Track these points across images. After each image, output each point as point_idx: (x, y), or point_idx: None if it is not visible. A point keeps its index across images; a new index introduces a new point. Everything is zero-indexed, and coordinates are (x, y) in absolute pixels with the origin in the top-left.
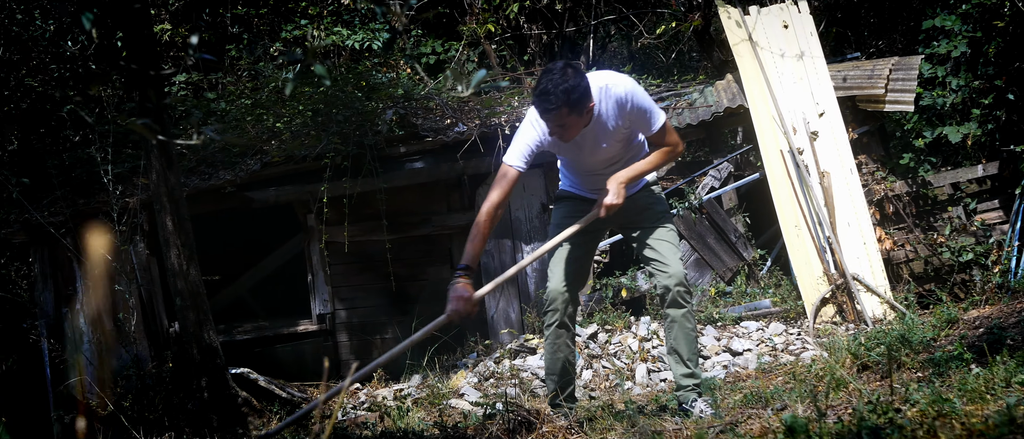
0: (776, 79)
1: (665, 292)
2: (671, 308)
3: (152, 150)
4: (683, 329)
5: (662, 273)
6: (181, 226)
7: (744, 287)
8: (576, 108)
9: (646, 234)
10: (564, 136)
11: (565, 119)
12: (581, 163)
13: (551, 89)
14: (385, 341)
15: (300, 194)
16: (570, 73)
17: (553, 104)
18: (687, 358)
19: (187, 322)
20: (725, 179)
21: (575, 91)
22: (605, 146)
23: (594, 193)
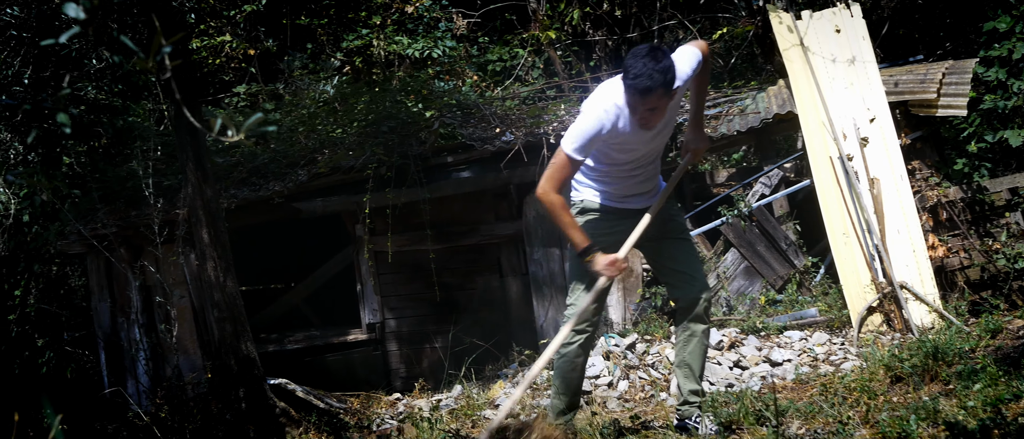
0: (827, 84)
1: (692, 305)
2: (694, 322)
3: (187, 163)
4: (701, 344)
5: (690, 285)
6: (217, 238)
7: (795, 295)
8: (669, 88)
9: (671, 245)
10: (651, 122)
11: (659, 101)
12: (632, 158)
13: (645, 71)
14: (434, 350)
15: (347, 205)
16: (660, 55)
17: (650, 85)
18: (698, 375)
19: (225, 333)
20: (776, 186)
21: (670, 71)
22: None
23: (626, 202)
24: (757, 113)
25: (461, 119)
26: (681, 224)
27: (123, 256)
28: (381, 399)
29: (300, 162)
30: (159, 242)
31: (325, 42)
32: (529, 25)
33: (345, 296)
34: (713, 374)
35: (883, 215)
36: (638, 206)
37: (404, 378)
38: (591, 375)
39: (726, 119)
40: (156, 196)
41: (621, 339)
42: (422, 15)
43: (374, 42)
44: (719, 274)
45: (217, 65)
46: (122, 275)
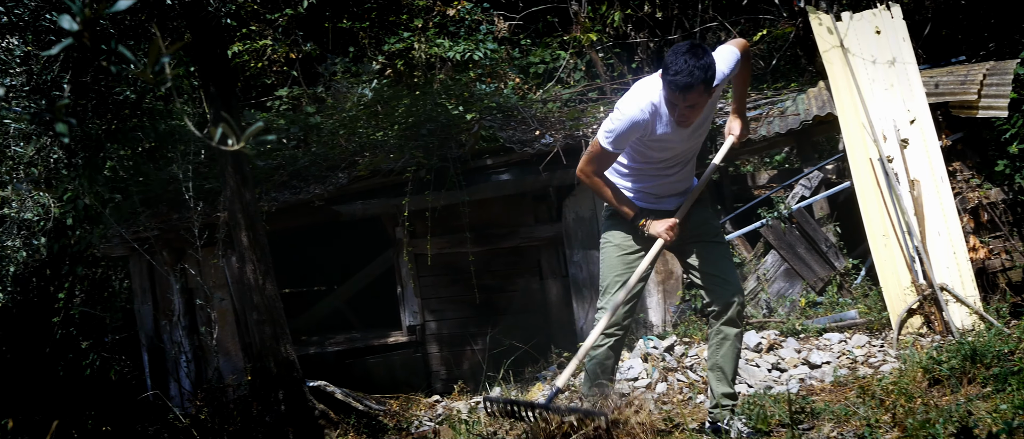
0: (867, 86)
1: (725, 308)
2: (727, 325)
3: (226, 167)
4: (734, 348)
5: (724, 289)
6: (256, 241)
7: (836, 297)
8: (709, 85)
9: (704, 248)
10: (689, 119)
11: (699, 98)
12: (669, 154)
13: (686, 68)
14: (475, 352)
15: (387, 207)
16: (701, 51)
17: (690, 81)
18: (731, 378)
19: (264, 336)
20: (816, 188)
21: (710, 68)
22: (703, 127)
23: (660, 202)
24: (797, 115)
25: (501, 122)
26: (715, 227)
27: (165, 259)
28: (420, 401)
29: (341, 165)
30: (199, 245)
31: (367, 45)
32: (570, 27)
33: (386, 299)
34: (751, 376)
35: (923, 217)
36: (672, 207)
37: (444, 380)
38: (629, 377)
39: (766, 121)
40: (196, 199)
41: (660, 341)
42: (463, 18)
43: (415, 45)
44: (759, 276)
45: (259, 69)
46: (164, 278)
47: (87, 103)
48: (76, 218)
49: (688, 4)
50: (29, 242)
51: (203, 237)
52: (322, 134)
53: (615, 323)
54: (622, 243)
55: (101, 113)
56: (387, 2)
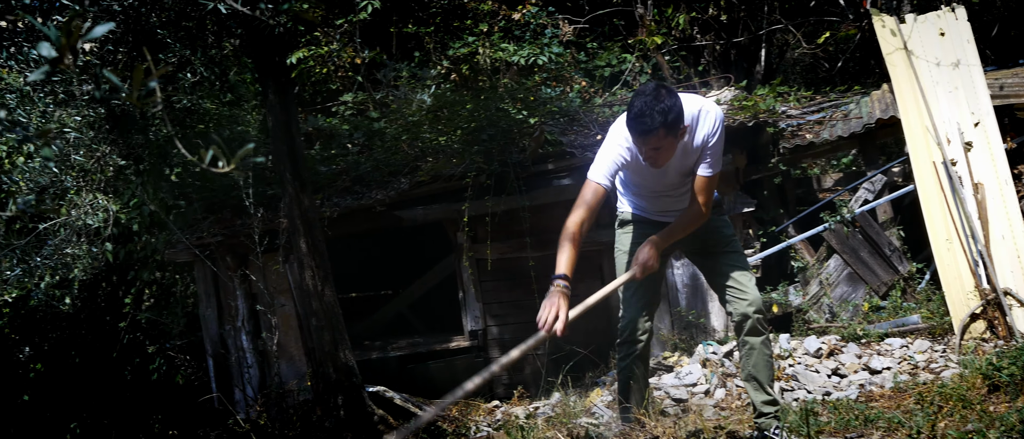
0: (930, 88)
1: (743, 319)
2: (750, 336)
3: (285, 173)
4: (762, 356)
5: (740, 299)
6: (315, 247)
7: (899, 302)
8: (672, 129)
9: (718, 259)
10: (657, 160)
11: (661, 141)
12: (656, 186)
13: (647, 111)
14: (537, 357)
15: (448, 212)
16: (664, 94)
17: (650, 126)
18: (767, 385)
19: (323, 341)
20: (879, 191)
21: (671, 112)
22: (683, 173)
23: (661, 215)
24: (859, 118)
25: (562, 126)
26: (727, 236)
27: (229, 264)
28: (479, 406)
29: (403, 170)
30: (259, 251)
31: (431, 50)
32: (636, 30)
33: (449, 303)
34: (810, 382)
35: (987, 221)
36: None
37: (506, 385)
38: (688, 383)
39: (829, 124)
40: (257, 205)
41: (719, 346)
42: (529, 22)
43: (480, 50)
44: (821, 280)
45: (324, 74)
46: (228, 283)
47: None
48: (141, 224)
49: (754, 6)
50: (93, 249)
51: (263, 243)
52: (385, 139)
53: (636, 329)
54: (630, 250)
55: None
56: (452, 7)
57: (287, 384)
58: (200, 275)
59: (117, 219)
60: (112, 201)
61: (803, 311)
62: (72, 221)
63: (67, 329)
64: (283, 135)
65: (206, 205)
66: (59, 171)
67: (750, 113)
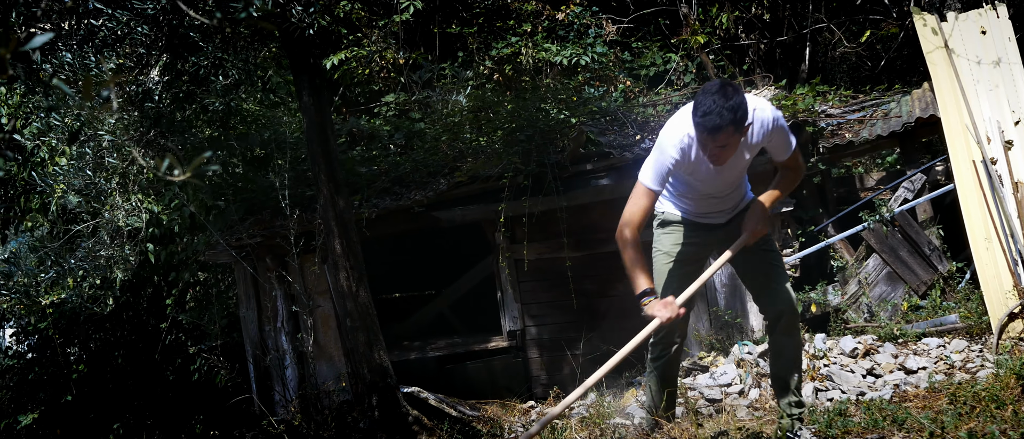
0: (971, 87)
1: (776, 319)
2: (781, 335)
3: (320, 175)
4: (792, 357)
5: (773, 300)
6: (350, 248)
7: (939, 301)
8: (739, 126)
9: (754, 258)
10: (722, 158)
11: (729, 139)
12: (707, 187)
13: (715, 109)
14: (575, 357)
15: (486, 213)
16: (731, 91)
17: (718, 123)
18: (794, 387)
19: (358, 343)
20: (919, 190)
21: (740, 109)
22: (737, 172)
23: (706, 217)
24: (899, 117)
25: (602, 126)
26: (763, 236)
27: (268, 265)
28: (515, 407)
29: (442, 171)
30: (295, 252)
31: (474, 50)
32: (680, 30)
33: (489, 304)
34: (845, 382)
35: None
36: (720, 221)
37: (544, 385)
38: (722, 383)
39: (870, 123)
40: (296, 206)
41: (754, 346)
42: (573, 22)
43: (523, 50)
44: (860, 279)
45: (367, 75)
46: (270, 284)
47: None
48: (182, 225)
49: (799, 4)
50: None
51: (300, 244)
52: (425, 140)
53: (672, 331)
54: (671, 251)
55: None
56: (495, 7)
57: (323, 385)
58: (240, 276)
59: (159, 220)
60: (153, 202)
61: (842, 311)
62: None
63: (110, 330)
64: (318, 137)
65: (246, 206)
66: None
67: (789, 112)
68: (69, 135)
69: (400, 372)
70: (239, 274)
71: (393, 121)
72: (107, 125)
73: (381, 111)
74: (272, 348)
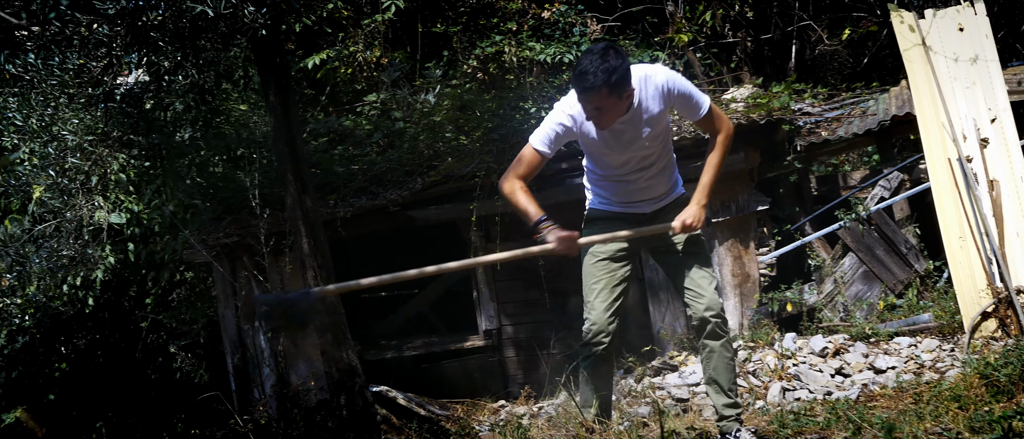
0: (947, 84)
1: (702, 322)
2: (709, 338)
3: (287, 174)
4: (722, 359)
5: (698, 303)
6: (317, 248)
7: (915, 300)
8: (615, 89)
9: (679, 259)
10: (601, 121)
11: (604, 101)
12: (615, 161)
13: (590, 69)
14: (553, 356)
15: (460, 212)
16: (611, 54)
17: (591, 83)
18: (728, 388)
19: (326, 342)
20: (896, 188)
21: (616, 71)
22: (646, 142)
23: (631, 206)
24: (875, 115)
25: None
26: (692, 236)
27: (246, 264)
28: (485, 406)
29: (419, 170)
30: (265, 251)
31: (458, 49)
32: (666, 28)
33: (469, 303)
34: (813, 381)
35: (1002, 218)
36: (646, 210)
37: (521, 384)
38: (691, 383)
39: (847, 121)
40: (267, 206)
41: None
42: (558, 20)
43: (506, 48)
44: (836, 279)
45: (349, 75)
46: (246, 283)
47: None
48: (162, 224)
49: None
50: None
51: (270, 244)
52: (404, 139)
53: (600, 331)
54: (596, 249)
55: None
56: (480, 6)
57: (294, 384)
58: (218, 275)
59: (139, 219)
60: (134, 201)
61: (817, 310)
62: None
63: (92, 329)
64: (285, 136)
65: (225, 206)
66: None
67: (764, 111)
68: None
69: (377, 371)
70: (217, 274)
71: (374, 120)
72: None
73: (365, 110)
74: (251, 347)
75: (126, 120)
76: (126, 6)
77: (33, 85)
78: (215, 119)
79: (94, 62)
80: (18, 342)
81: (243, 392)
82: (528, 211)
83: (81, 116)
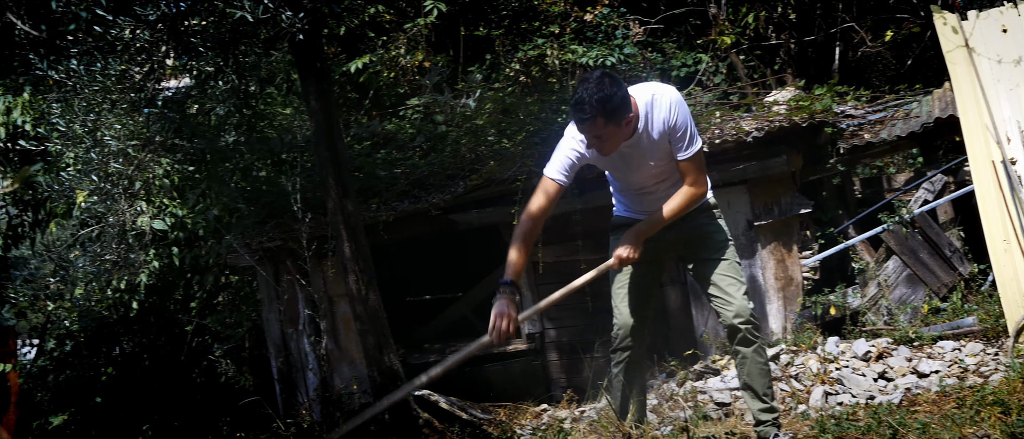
0: (991, 86)
1: (733, 329)
2: (740, 345)
3: (328, 178)
4: (755, 364)
5: (726, 310)
6: (358, 252)
7: (960, 304)
8: (613, 118)
9: (707, 266)
10: (602, 149)
11: (602, 130)
12: (629, 180)
13: (586, 98)
14: (596, 360)
15: (501, 215)
16: (607, 83)
17: (588, 113)
18: (763, 393)
19: (367, 346)
20: (940, 191)
21: (611, 100)
22: (652, 163)
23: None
24: (918, 117)
25: None
26: (718, 242)
27: (289, 268)
28: (527, 410)
29: (462, 174)
30: (306, 255)
31: (501, 53)
32: (709, 30)
33: None
34: (856, 385)
35: None
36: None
37: (564, 388)
38: (733, 387)
39: (890, 123)
40: (310, 210)
41: (770, 349)
42: (600, 23)
43: (548, 51)
44: (880, 282)
45: (392, 79)
46: (289, 287)
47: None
48: (206, 229)
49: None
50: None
51: (312, 248)
52: (446, 143)
53: (627, 334)
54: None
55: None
56: (523, 9)
57: (341, 387)
58: (261, 279)
59: (183, 224)
60: (178, 206)
61: (861, 313)
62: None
63: (138, 333)
64: (325, 140)
65: (268, 210)
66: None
67: (806, 113)
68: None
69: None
70: (261, 277)
71: (417, 124)
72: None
73: (408, 114)
74: (295, 351)
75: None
76: (167, 12)
77: (76, 91)
78: (260, 124)
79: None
80: (66, 346)
81: (288, 395)
82: (507, 262)
83: (123, 121)
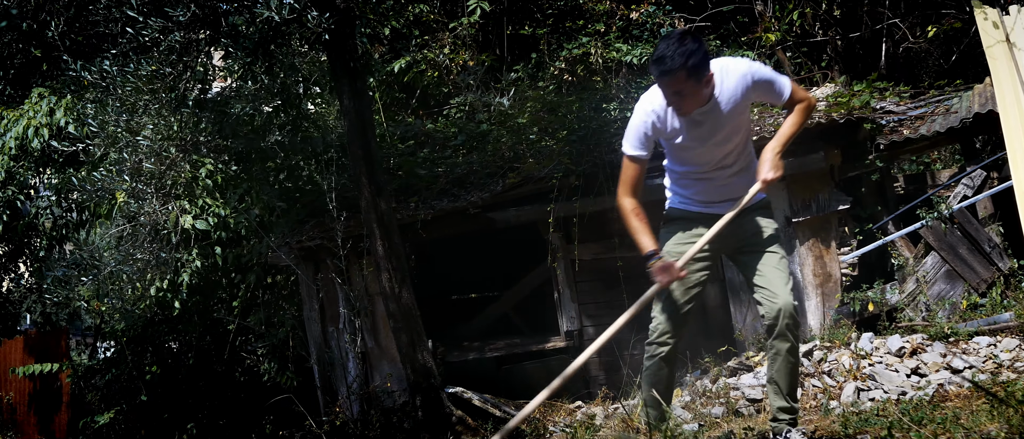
0: None
1: (773, 322)
2: (777, 340)
3: (361, 177)
4: (787, 362)
5: (770, 302)
6: (391, 250)
7: (999, 299)
8: (694, 73)
9: (756, 259)
10: (681, 107)
11: (682, 84)
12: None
13: (668, 53)
14: (634, 357)
15: (540, 214)
16: (689, 39)
17: (669, 66)
18: (787, 392)
19: (401, 344)
20: (979, 187)
21: (694, 55)
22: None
23: (710, 207)
24: (957, 113)
25: None
26: (772, 236)
27: (329, 267)
28: (561, 407)
29: (501, 172)
30: (342, 254)
31: (546, 52)
32: (755, 28)
33: (551, 304)
34: (888, 381)
35: None
36: (726, 212)
37: (602, 385)
38: (765, 383)
39: (929, 119)
40: (341, 209)
41: (803, 346)
42: (646, 21)
43: (593, 50)
44: (918, 278)
45: (436, 78)
46: (329, 285)
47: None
48: (248, 228)
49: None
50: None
51: (347, 246)
52: (487, 141)
53: (666, 331)
54: (672, 250)
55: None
56: (568, 7)
57: (372, 385)
58: (302, 278)
59: (226, 223)
60: (221, 205)
61: (899, 309)
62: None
63: (182, 332)
64: (359, 139)
65: (310, 209)
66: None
67: (845, 109)
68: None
69: (459, 372)
70: (301, 276)
71: (459, 123)
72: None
73: (450, 113)
74: (335, 349)
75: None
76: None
77: (110, 92)
78: (302, 123)
79: (168, 68)
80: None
81: (328, 393)
82: (638, 242)
83: (156, 122)
